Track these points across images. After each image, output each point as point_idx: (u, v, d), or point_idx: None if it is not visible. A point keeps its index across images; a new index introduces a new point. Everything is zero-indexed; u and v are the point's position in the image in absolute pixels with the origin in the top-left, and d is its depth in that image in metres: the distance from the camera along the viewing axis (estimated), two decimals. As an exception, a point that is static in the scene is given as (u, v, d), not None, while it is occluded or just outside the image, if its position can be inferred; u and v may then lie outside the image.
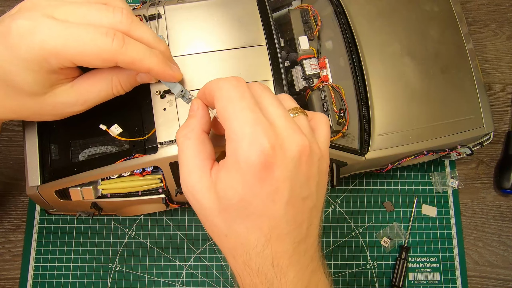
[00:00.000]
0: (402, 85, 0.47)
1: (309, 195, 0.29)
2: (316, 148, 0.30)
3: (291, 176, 0.28)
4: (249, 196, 0.27)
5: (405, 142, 0.46)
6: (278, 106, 0.29)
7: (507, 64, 0.63)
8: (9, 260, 0.54)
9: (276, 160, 0.27)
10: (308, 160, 0.29)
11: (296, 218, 0.29)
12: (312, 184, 0.29)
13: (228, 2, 0.42)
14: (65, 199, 0.44)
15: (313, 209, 0.30)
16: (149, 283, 0.53)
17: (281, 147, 0.27)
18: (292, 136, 0.28)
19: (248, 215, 0.28)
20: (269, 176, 0.27)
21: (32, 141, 0.42)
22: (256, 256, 0.28)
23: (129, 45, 0.30)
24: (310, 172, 0.29)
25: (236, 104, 0.28)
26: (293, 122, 0.29)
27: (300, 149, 0.28)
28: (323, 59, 0.46)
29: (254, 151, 0.26)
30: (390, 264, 0.55)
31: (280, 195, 0.28)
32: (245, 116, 0.27)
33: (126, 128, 0.40)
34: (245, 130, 0.27)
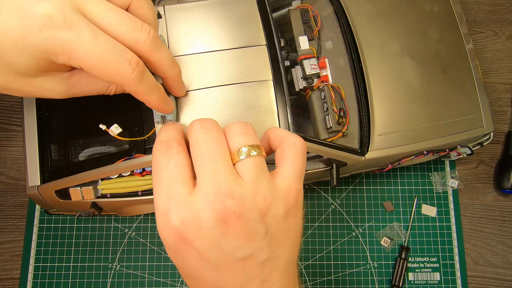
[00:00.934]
0: (402, 85, 0.47)
1: (251, 253, 0.27)
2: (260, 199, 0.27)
3: (216, 244, 0.27)
4: (178, 264, 0.28)
5: (405, 142, 0.46)
6: (207, 162, 0.27)
7: (507, 64, 0.63)
8: (9, 260, 0.54)
9: (190, 234, 0.26)
10: (239, 221, 0.26)
11: (238, 278, 0.28)
12: (256, 240, 0.27)
13: (228, 2, 0.42)
14: (65, 199, 0.44)
15: (266, 263, 0.28)
16: (149, 283, 0.53)
17: (195, 219, 0.26)
18: (210, 204, 0.26)
19: (186, 276, 0.29)
20: (187, 248, 0.27)
21: (32, 141, 0.42)
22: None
23: (144, 80, 0.30)
24: (246, 230, 0.27)
25: (158, 175, 0.28)
26: (219, 182, 0.27)
27: (220, 216, 0.26)
28: (323, 59, 0.46)
29: (164, 227, 0.27)
30: (390, 264, 0.55)
31: (206, 263, 0.27)
32: (161, 190, 0.27)
33: (126, 128, 0.40)
34: (158, 205, 0.27)
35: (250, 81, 0.40)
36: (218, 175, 0.27)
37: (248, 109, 0.39)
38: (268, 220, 0.28)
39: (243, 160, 0.28)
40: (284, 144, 0.31)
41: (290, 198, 0.29)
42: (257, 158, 0.28)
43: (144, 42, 0.30)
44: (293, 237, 0.30)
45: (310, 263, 0.55)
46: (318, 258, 0.55)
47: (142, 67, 0.29)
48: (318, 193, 0.57)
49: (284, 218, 0.29)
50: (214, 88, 0.39)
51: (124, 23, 0.29)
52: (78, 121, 0.43)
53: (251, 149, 0.28)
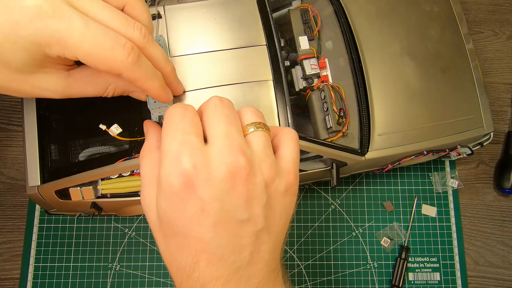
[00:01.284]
0: (402, 85, 0.47)
1: (250, 218, 0.27)
2: (266, 167, 0.28)
3: (220, 197, 0.26)
4: (173, 215, 0.27)
5: (405, 142, 0.46)
6: (224, 123, 0.28)
7: (507, 64, 0.63)
8: (9, 260, 0.54)
9: (198, 180, 0.26)
10: (247, 181, 0.27)
11: (231, 242, 0.27)
12: (256, 206, 0.27)
13: (228, 2, 0.42)
14: (65, 199, 0.44)
15: (260, 234, 0.28)
16: (149, 283, 0.53)
17: (206, 167, 0.26)
18: (224, 155, 0.27)
19: (176, 233, 0.27)
20: (191, 196, 0.26)
21: (32, 141, 0.42)
22: (187, 279, 0.27)
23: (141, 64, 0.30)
24: (250, 193, 0.27)
25: (172, 125, 0.28)
26: (232, 140, 0.27)
27: (231, 169, 0.26)
28: (323, 59, 0.46)
29: (174, 170, 0.26)
30: (390, 264, 0.55)
31: (206, 216, 0.26)
32: (175, 136, 0.27)
33: (126, 128, 0.40)
34: (171, 148, 0.27)
35: (250, 81, 0.40)
36: (232, 134, 0.28)
37: (248, 109, 0.39)
38: (270, 191, 0.28)
39: (253, 132, 0.29)
40: (280, 133, 0.32)
41: (290, 178, 0.30)
42: (266, 133, 0.30)
43: (137, 38, 0.30)
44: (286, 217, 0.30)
45: (310, 263, 0.55)
46: (318, 258, 0.55)
47: (137, 52, 0.30)
48: (318, 193, 0.57)
49: (284, 194, 0.29)
50: (214, 88, 0.39)
51: (116, 20, 0.29)
52: (78, 121, 0.43)
53: (259, 126, 0.30)
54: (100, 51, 0.28)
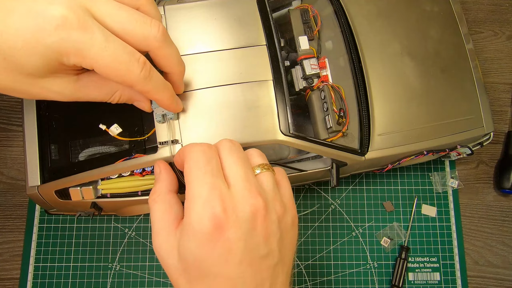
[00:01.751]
0: (402, 85, 0.47)
1: (268, 253, 0.30)
2: (278, 205, 0.31)
3: (245, 237, 0.29)
4: (203, 256, 0.29)
5: (405, 142, 0.46)
6: (241, 165, 0.31)
7: (507, 64, 0.63)
8: (9, 260, 0.54)
9: (227, 222, 0.28)
10: (265, 219, 0.30)
11: (255, 277, 0.29)
12: (272, 241, 0.30)
13: (228, 2, 0.42)
14: (65, 199, 0.44)
15: (276, 267, 0.30)
16: (149, 283, 0.53)
17: (234, 210, 0.29)
18: (246, 198, 0.29)
19: (205, 275, 0.29)
20: (221, 237, 0.28)
21: (32, 141, 0.42)
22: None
23: (153, 77, 0.31)
24: (268, 230, 0.30)
25: (200, 167, 0.30)
26: (251, 183, 0.30)
27: (253, 210, 0.29)
28: (323, 59, 0.46)
29: (206, 213, 0.28)
30: (390, 264, 0.55)
31: (233, 255, 0.28)
32: (204, 179, 0.29)
33: (126, 128, 0.40)
34: (202, 193, 0.29)
35: (250, 81, 0.40)
36: (249, 177, 0.30)
37: (248, 109, 0.39)
38: (282, 226, 0.31)
39: (263, 173, 0.32)
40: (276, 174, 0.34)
41: (293, 212, 0.33)
42: (272, 173, 0.33)
43: (154, 36, 0.30)
44: (294, 247, 0.33)
45: (310, 263, 0.55)
46: (318, 258, 0.55)
47: (149, 66, 0.31)
48: (318, 193, 0.57)
49: (291, 227, 0.32)
50: (214, 88, 0.39)
51: (133, 19, 0.30)
52: (78, 121, 0.43)
53: (265, 167, 0.33)
54: (117, 64, 0.29)
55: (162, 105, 0.35)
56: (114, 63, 0.29)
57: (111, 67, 0.29)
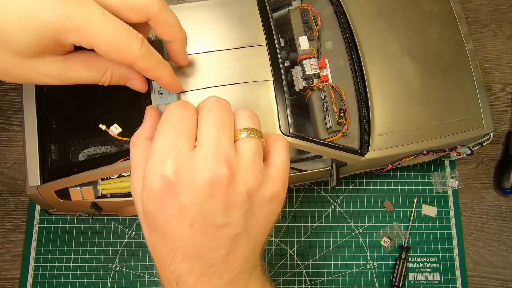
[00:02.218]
0: (402, 85, 0.47)
1: (228, 223, 0.28)
2: (251, 177, 0.29)
3: (199, 203, 0.27)
4: (153, 212, 0.28)
5: (405, 142, 0.46)
6: (215, 128, 0.29)
7: (507, 64, 0.63)
8: (9, 260, 0.54)
9: (178, 186, 0.27)
10: (227, 189, 0.28)
11: (207, 243, 0.29)
12: (235, 212, 0.28)
13: (228, 2, 0.42)
14: (65, 199, 0.44)
15: (237, 237, 0.29)
16: (149, 283, 0.53)
17: (189, 173, 0.27)
18: (208, 163, 0.27)
19: (156, 228, 0.29)
20: (171, 198, 0.27)
21: (32, 141, 0.42)
22: (165, 268, 0.30)
23: (152, 54, 0.31)
24: (230, 201, 0.28)
25: (167, 124, 0.29)
26: (220, 147, 0.28)
27: (212, 177, 0.27)
28: (323, 59, 0.46)
29: (156, 172, 0.27)
30: (390, 264, 0.55)
31: (184, 218, 0.28)
32: (166, 137, 0.28)
33: (126, 128, 0.40)
34: (158, 150, 0.28)
35: (250, 81, 0.40)
36: (221, 141, 0.28)
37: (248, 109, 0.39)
38: (254, 199, 0.29)
39: (244, 138, 0.30)
40: (271, 140, 0.32)
41: (278, 186, 0.30)
42: (257, 141, 0.30)
43: (152, 2, 0.30)
44: (269, 222, 0.31)
45: (310, 263, 0.55)
46: (318, 258, 0.55)
47: (147, 43, 0.31)
48: (318, 193, 0.57)
49: (269, 202, 0.30)
50: (214, 88, 0.39)
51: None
52: (78, 121, 0.43)
53: (252, 132, 0.30)
54: (118, 40, 0.29)
55: (163, 84, 0.34)
56: (114, 39, 0.29)
57: (111, 44, 0.29)
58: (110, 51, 0.29)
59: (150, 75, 0.33)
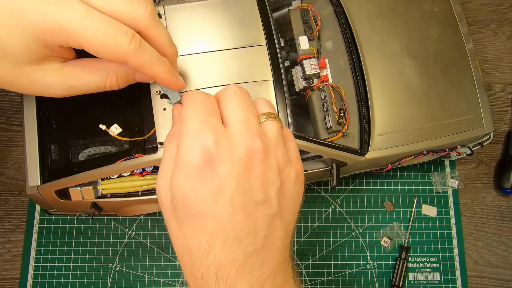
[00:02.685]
0: (402, 85, 0.47)
1: (265, 200, 0.28)
2: (280, 154, 0.29)
3: (238, 176, 0.27)
4: (190, 192, 0.27)
5: (405, 142, 0.46)
6: (242, 109, 0.29)
7: (507, 64, 0.63)
8: (9, 260, 0.54)
9: (219, 157, 0.26)
10: (262, 163, 0.27)
11: (247, 223, 0.27)
12: (271, 189, 0.28)
13: (228, 2, 0.42)
14: (65, 199, 0.44)
15: (274, 218, 0.28)
16: (149, 283, 0.53)
17: (228, 145, 0.27)
18: (243, 136, 0.27)
19: (192, 214, 0.27)
20: (211, 172, 0.26)
21: (32, 141, 0.42)
22: (200, 263, 0.27)
23: (144, 49, 0.30)
24: (265, 176, 0.28)
25: (195, 107, 0.29)
26: (250, 124, 0.28)
27: (250, 150, 0.27)
28: (323, 59, 0.46)
29: (195, 145, 0.27)
30: (390, 264, 0.55)
31: (224, 194, 0.26)
32: (198, 116, 0.28)
33: (126, 128, 0.40)
34: (193, 127, 0.27)
35: (250, 81, 0.40)
36: (250, 119, 0.29)
37: (248, 109, 0.39)
38: (283, 177, 0.29)
39: (268, 121, 0.30)
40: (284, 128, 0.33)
41: (299, 166, 0.31)
42: (278, 123, 0.31)
43: (143, 15, 0.30)
44: (297, 204, 0.31)
45: (310, 263, 0.55)
46: (318, 258, 0.55)
47: (139, 38, 0.30)
48: (318, 193, 0.57)
49: (295, 181, 0.30)
50: (214, 88, 0.39)
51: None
52: (78, 121, 0.43)
53: (272, 116, 0.31)
54: (104, 37, 0.28)
55: (161, 82, 0.33)
56: (100, 36, 0.28)
57: (97, 41, 0.28)
58: (98, 49, 0.29)
59: (145, 73, 0.31)
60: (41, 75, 0.31)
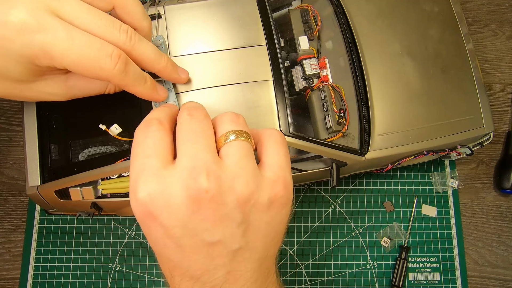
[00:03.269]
0: (402, 85, 0.47)
1: (221, 239, 0.26)
2: (241, 184, 0.26)
3: (182, 223, 0.26)
4: (146, 233, 0.28)
5: (405, 142, 0.46)
6: (189, 141, 0.27)
7: (507, 64, 0.63)
8: (9, 260, 0.54)
9: (156, 209, 0.25)
10: (211, 203, 0.25)
11: (201, 263, 0.27)
12: (228, 226, 0.26)
13: (228, 2, 0.42)
14: (65, 199, 0.44)
15: (236, 253, 0.27)
16: (149, 283, 0.53)
17: (163, 195, 0.25)
18: (184, 179, 0.25)
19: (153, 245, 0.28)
20: (153, 223, 0.26)
21: (32, 141, 0.42)
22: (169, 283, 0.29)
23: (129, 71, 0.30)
24: (218, 214, 0.26)
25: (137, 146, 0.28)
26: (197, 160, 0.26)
27: (191, 193, 0.25)
28: (323, 59, 0.46)
29: (132, 200, 0.26)
30: (390, 264, 0.55)
31: (170, 241, 0.26)
32: (136, 161, 0.27)
33: (126, 128, 0.40)
34: (132, 176, 0.27)
35: (250, 81, 0.40)
36: (197, 153, 0.26)
37: (248, 109, 0.39)
38: (248, 208, 0.27)
39: (228, 143, 0.27)
40: (262, 137, 0.30)
41: (276, 189, 0.28)
42: (244, 142, 0.28)
43: (123, 42, 0.30)
44: (274, 231, 0.29)
45: (310, 263, 0.55)
46: (318, 258, 0.55)
47: (125, 59, 0.30)
48: (318, 193, 0.57)
49: (267, 208, 0.27)
50: (214, 88, 0.39)
51: (101, 25, 0.29)
52: (78, 121, 0.43)
53: (238, 135, 0.28)
54: (86, 61, 0.28)
55: (144, 97, 0.34)
56: (83, 60, 0.28)
57: (80, 65, 0.29)
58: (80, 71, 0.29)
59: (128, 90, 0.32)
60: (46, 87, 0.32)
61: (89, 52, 0.28)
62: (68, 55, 0.28)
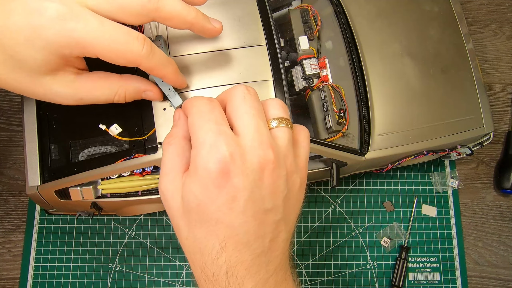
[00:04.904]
0: (402, 85, 0.47)
1: (273, 208, 0.29)
2: (289, 163, 0.30)
3: (251, 187, 0.28)
4: (207, 201, 0.28)
5: (405, 142, 0.46)
6: (253, 116, 0.29)
7: (507, 64, 0.63)
8: (9, 260, 0.54)
9: (234, 169, 0.27)
10: (272, 174, 0.29)
11: (257, 229, 0.29)
12: (278, 197, 0.30)
13: (228, 2, 0.42)
14: (65, 199, 0.44)
15: (279, 223, 0.30)
16: (149, 283, 0.53)
17: (242, 157, 0.28)
18: (255, 148, 0.28)
19: (206, 220, 0.29)
20: (227, 183, 0.28)
21: (32, 141, 0.42)
22: (211, 263, 0.29)
23: (155, 53, 0.32)
24: (275, 185, 0.29)
25: (204, 117, 0.29)
26: (262, 134, 0.29)
27: (262, 161, 0.28)
28: (323, 59, 0.46)
29: (212, 157, 0.28)
30: (390, 264, 0.55)
31: (237, 203, 0.28)
32: (209, 126, 0.29)
33: (126, 128, 0.40)
34: (207, 139, 0.28)
35: (250, 81, 0.40)
36: (261, 128, 0.29)
37: (248, 109, 0.39)
38: (290, 185, 0.31)
39: (278, 127, 0.31)
40: (295, 130, 0.33)
41: (303, 174, 0.32)
42: (289, 129, 0.31)
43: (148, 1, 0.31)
44: (298, 209, 0.33)
45: (310, 263, 0.55)
46: (318, 258, 0.55)
47: (150, 42, 0.32)
48: (318, 193, 0.57)
49: (299, 188, 0.32)
50: (214, 88, 0.39)
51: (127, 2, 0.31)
52: (78, 121, 0.43)
53: (287, 123, 0.31)
54: (117, 45, 0.30)
55: (168, 81, 0.36)
56: (114, 44, 0.30)
57: (111, 49, 0.30)
58: (112, 56, 0.31)
59: (155, 74, 0.34)
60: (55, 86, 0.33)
61: (119, 37, 0.30)
62: (100, 42, 0.30)
